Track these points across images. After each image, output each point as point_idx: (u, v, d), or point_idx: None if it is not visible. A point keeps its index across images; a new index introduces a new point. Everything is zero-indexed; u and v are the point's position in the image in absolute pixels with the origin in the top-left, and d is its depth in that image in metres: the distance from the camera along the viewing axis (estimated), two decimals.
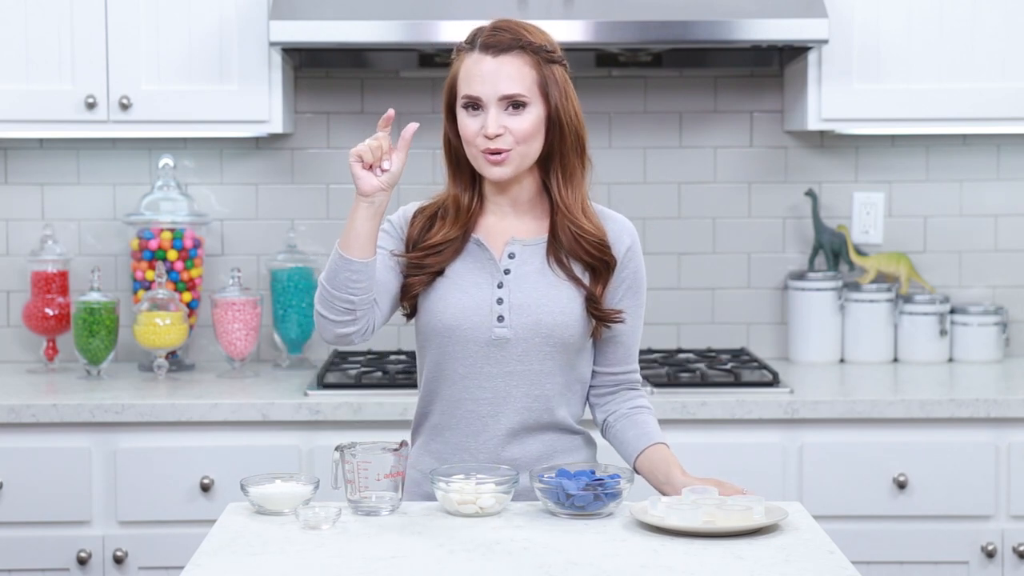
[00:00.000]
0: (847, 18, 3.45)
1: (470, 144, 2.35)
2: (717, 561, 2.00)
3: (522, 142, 2.33)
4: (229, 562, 2.02)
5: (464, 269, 2.40)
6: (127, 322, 3.67)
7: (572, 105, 2.37)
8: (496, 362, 2.38)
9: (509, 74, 2.32)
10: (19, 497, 3.18)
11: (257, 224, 3.79)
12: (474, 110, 2.34)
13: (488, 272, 2.39)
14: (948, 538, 3.21)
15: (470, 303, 2.37)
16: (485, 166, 2.35)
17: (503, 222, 2.42)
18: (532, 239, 2.41)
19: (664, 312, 3.81)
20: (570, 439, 2.45)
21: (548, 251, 2.40)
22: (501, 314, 2.37)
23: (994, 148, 3.81)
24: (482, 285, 2.38)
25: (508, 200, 2.42)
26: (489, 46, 2.33)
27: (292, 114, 3.71)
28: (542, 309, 2.36)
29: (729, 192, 3.82)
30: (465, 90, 2.34)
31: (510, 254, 2.40)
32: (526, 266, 2.39)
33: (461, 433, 2.41)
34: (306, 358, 3.74)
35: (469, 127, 2.34)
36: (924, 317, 3.71)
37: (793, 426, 3.21)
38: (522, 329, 2.37)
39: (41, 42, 3.43)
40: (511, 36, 2.34)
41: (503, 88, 2.32)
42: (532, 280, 2.38)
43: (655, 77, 3.79)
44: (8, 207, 3.77)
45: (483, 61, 2.33)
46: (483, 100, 2.32)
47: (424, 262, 2.39)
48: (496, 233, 2.42)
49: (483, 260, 2.40)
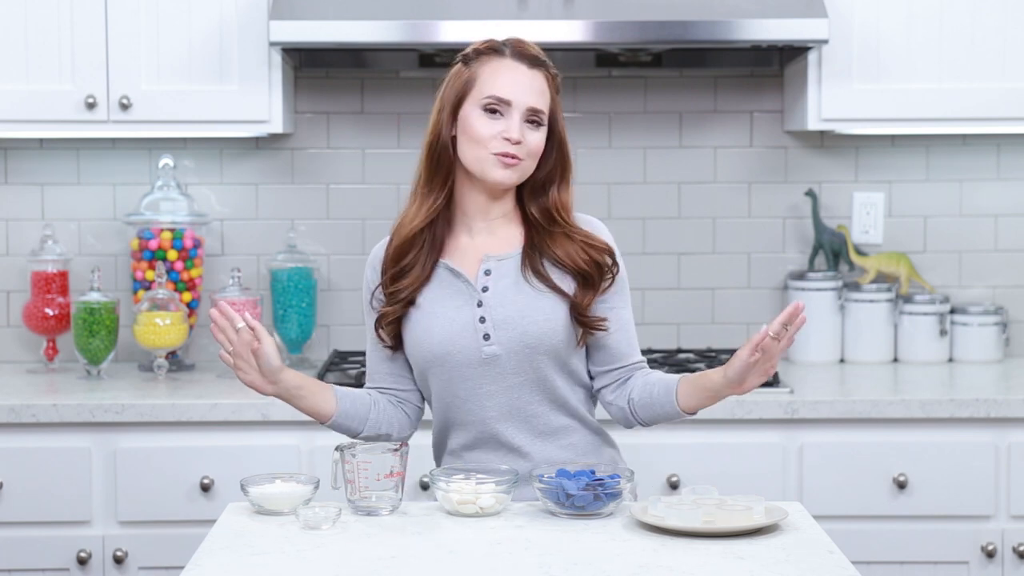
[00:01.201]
0: (847, 18, 3.45)
1: (482, 146, 2.34)
2: (717, 561, 2.00)
3: (532, 156, 2.36)
4: (229, 562, 2.02)
5: (441, 296, 2.39)
6: (127, 322, 3.67)
7: (566, 132, 2.43)
8: (493, 379, 2.37)
9: (540, 89, 2.36)
10: (19, 497, 3.18)
11: (257, 224, 3.79)
12: (494, 114, 2.34)
13: (466, 294, 2.38)
14: (948, 538, 3.21)
15: (454, 327, 2.36)
16: (494, 168, 2.34)
17: (474, 241, 2.41)
18: (505, 254, 2.41)
19: (664, 312, 3.81)
20: (591, 437, 2.45)
21: (524, 262, 2.39)
22: (486, 332, 2.36)
23: (994, 148, 3.81)
24: (462, 308, 2.37)
25: (483, 215, 2.41)
26: (523, 56, 2.36)
27: (292, 114, 3.71)
28: (526, 320, 2.35)
29: (729, 192, 3.82)
30: (494, 91, 2.34)
31: (486, 271, 2.39)
32: (503, 280, 2.38)
33: (484, 451, 2.41)
34: (306, 358, 3.74)
35: (487, 128, 2.33)
36: (924, 317, 3.71)
37: (793, 426, 3.21)
38: (510, 343, 2.36)
39: (41, 42, 3.43)
40: (536, 54, 2.38)
41: (533, 100, 2.35)
42: (511, 294, 2.37)
43: (655, 77, 3.79)
44: (8, 207, 3.77)
45: (518, 69, 2.35)
46: (513, 104, 2.33)
47: (397, 286, 2.39)
48: (468, 253, 2.41)
49: (458, 284, 2.39)
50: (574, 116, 3.76)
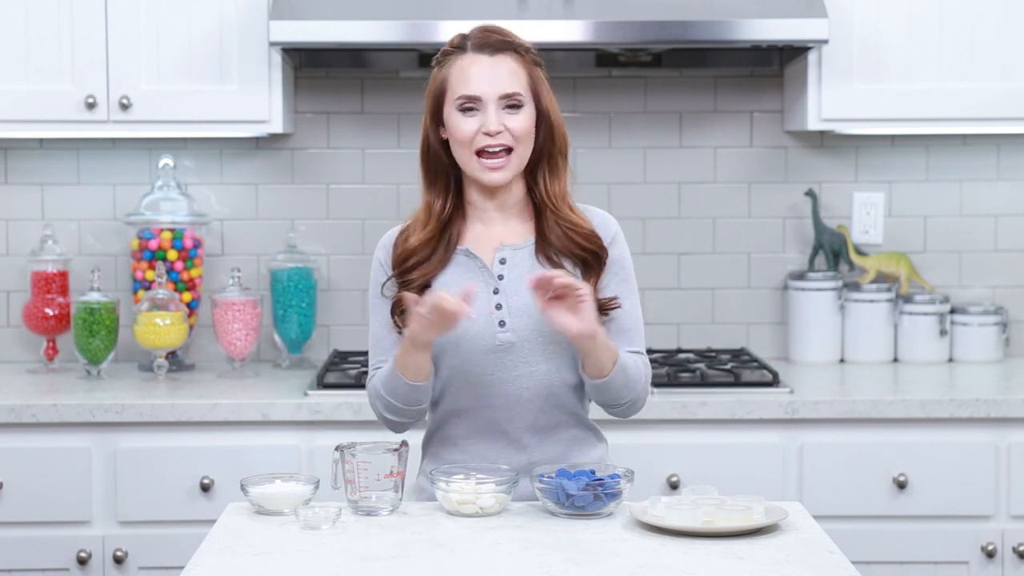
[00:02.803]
0: (847, 18, 3.45)
1: (465, 146, 2.34)
2: (717, 561, 2.00)
3: (520, 141, 2.35)
4: (229, 562, 2.02)
5: (457, 280, 2.38)
6: (127, 322, 3.67)
7: (555, 105, 2.41)
8: (504, 367, 2.37)
9: (507, 73, 2.35)
10: (19, 497, 3.18)
11: (257, 224, 3.79)
12: (470, 111, 2.34)
13: (482, 280, 2.39)
14: (948, 538, 3.21)
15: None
16: (483, 172, 2.35)
17: (490, 229, 2.42)
18: (520, 243, 2.41)
19: (664, 312, 3.81)
20: (585, 435, 2.46)
21: (537, 252, 2.40)
22: (502, 319, 2.37)
23: (994, 148, 3.81)
24: (478, 294, 2.36)
25: (495, 205, 2.42)
26: (484, 46, 2.36)
27: (292, 114, 3.71)
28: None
29: (729, 192, 3.82)
30: (462, 90, 2.34)
31: (501, 260, 2.40)
32: (518, 268, 2.39)
33: (479, 441, 2.41)
34: (306, 358, 3.74)
35: (466, 128, 2.34)
36: (924, 317, 3.71)
37: (793, 426, 3.21)
38: (524, 331, 2.36)
39: (41, 42, 3.43)
40: (501, 38, 2.37)
41: (503, 86, 2.34)
42: (526, 282, 2.37)
43: (655, 77, 3.79)
44: (8, 207, 3.77)
45: (479, 61, 2.35)
46: (483, 98, 2.33)
47: (409, 277, 2.39)
48: (484, 241, 2.42)
49: (475, 269, 2.40)
50: (574, 116, 3.76)
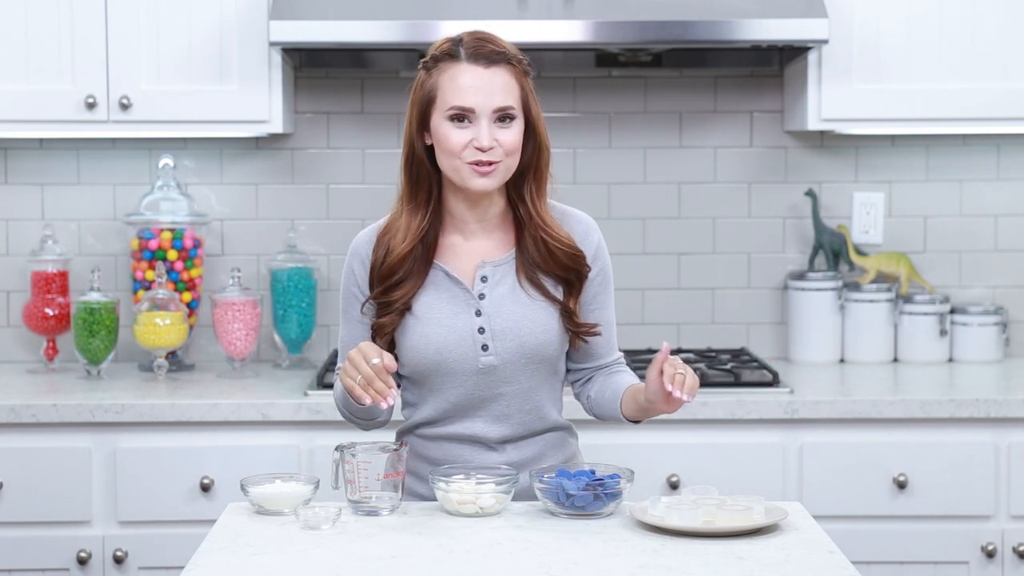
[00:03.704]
0: (847, 18, 3.45)
1: (455, 156, 2.29)
2: (717, 561, 2.00)
3: (510, 154, 2.30)
4: (229, 562, 2.02)
5: (437, 302, 2.35)
6: (127, 322, 3.67)
7: (542, 116, 2.36)
8: (485, 387, 2.36)
9: (501, 87, 2.29)
10: (19, 497, 3.18)
11: (257, 224, 3.79)
12: (461, 122, 2.29)
13: (463, 301, 2.36)
14: (948, 538, 3.21)
15: (452, 337, 2.34)
16: (471, 178, 2.29)
17: (468, 243, 2.38)
18: (500, 258, 2.38)
19: (664, 312, 3.81)
20: (558, 435, 2.46)
21: (518, 269, 2.37)
22: (485, 343, 2.34)
23: (994, 148, 3.81)
24: (460, 315, 2.35)
25: (476, 216, 2.37)
26: (479, 56, 2.29)
27: (292, 114, 3.71)
28: (523, 331, 2.34)
29: (729, 192, 3.82)
30: (455, 101, 2.28)
31: (482, 277, 2.37)
32: (500, 287, 2.36)
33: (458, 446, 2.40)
34: (306, 358, 3.74)
35: (456, 139, 2.28)
36: (924, 317, 3.71)
37: (793, 426, 3.21)
38: (507, 354, 2.35)
39: (41, 42, 3.43)
40: (495, 48, 2.31)
41: (498, 100, 2.29)
42: (508, 303, 2.35)
43: (655, 77, 3.79)
44: (8, 207, 3.77)
45: (474, 71, 2.29)
46: (476, 111, 2.28)
47: (390, 298, 2.35)
48: (463, 256, 2.38)
49: (455, 291, 2.36)
50: (574, 116, 3.76)
